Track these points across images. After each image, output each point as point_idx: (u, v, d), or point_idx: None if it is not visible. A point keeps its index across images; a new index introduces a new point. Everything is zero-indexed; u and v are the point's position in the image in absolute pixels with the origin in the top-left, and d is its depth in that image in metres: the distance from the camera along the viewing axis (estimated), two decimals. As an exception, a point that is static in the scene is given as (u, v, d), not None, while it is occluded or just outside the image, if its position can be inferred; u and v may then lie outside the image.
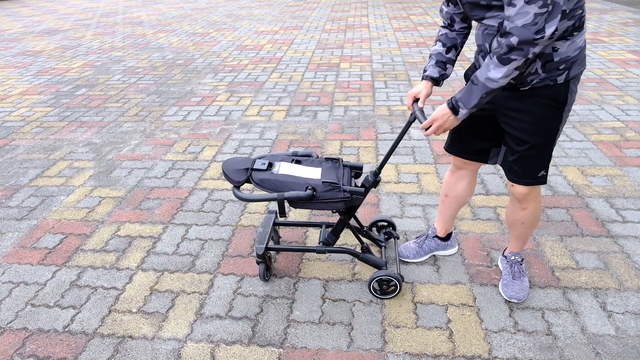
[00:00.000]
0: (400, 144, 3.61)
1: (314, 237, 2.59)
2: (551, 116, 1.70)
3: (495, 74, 1.51)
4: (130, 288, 2.25)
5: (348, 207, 2.01)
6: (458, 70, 5.54)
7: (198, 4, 12.84)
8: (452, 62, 1.90)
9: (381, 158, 3.46)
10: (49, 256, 2.50)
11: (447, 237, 2.36)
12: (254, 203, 2.92)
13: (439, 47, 1.88)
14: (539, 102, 1.68)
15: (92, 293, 2.23)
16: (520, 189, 1.86)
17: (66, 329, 2.02)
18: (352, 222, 2.63)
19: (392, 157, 3.41)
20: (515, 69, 1.49)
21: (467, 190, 2.16)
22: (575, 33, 1.56)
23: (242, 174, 1.96)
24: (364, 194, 1.96)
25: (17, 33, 9.25)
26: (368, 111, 4.39)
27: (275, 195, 1.87)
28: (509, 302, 2.08)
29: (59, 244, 2.59)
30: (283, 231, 2.64)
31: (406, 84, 5.18)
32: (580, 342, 1.87)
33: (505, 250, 2.26)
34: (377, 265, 2.17)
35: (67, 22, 10.32)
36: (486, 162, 2.01)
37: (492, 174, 3.15)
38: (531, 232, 2.07)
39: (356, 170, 2.11)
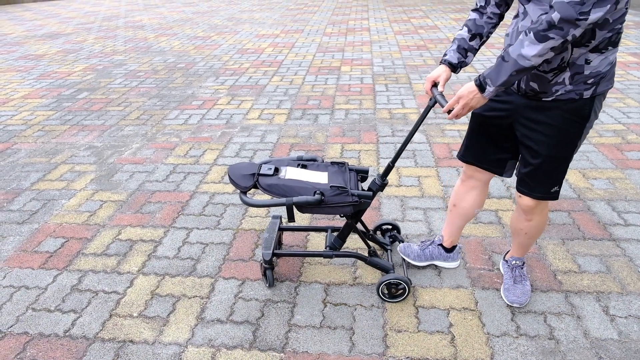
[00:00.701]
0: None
1: (315, 241, 2.59)
2: (572, 131, 1.64)
3: (529, 50, 1.42)
4: (131, 292, 2.25)
5: (355, 211, 2.01)
6: (461, 75, 5.53)
7: (199, 7, 12.88)
8: (475, 50, 1.82)
9: (382, 161, 3.45)
10: (50, 260, 2.50)
11: (451, 249, 2.30)
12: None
13: (464, 33, 1.81)
14: (561, 116, 1.62)
15: (93, 297, 2.22)
16: (527, 200, 1.82)
17: (67, 334, 2.02)
18: (358, 226, 2.63)
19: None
20: (551, 49, 1.40)
21: (477, 201, 2.09)
22: (610, 48, 1.51)
23: (248, 180, 1.96)
24: (372, 198, 1.96)
25: (19, 37, 9.28)
26: (369, 114, 4.39)
27: (284, 200, 1.87)
28: (511, 306, 2.07)
29: (60, 248, 2.59)
30: (284, 235, 2.63)
31: (407, 87, 5.18)
32: (582, 346, 1.86)
33: (506, 254, 2.25)
34: (385, 269, 2.17)
35: (69, 26, 10.35)
36: (501, 175, 1.95)
37: (494, 179, 3.14)
38: (534, 242, 2.04)
39: (362, 174, 2.10)
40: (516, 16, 1.66)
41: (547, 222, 1.94)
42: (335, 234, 2.26)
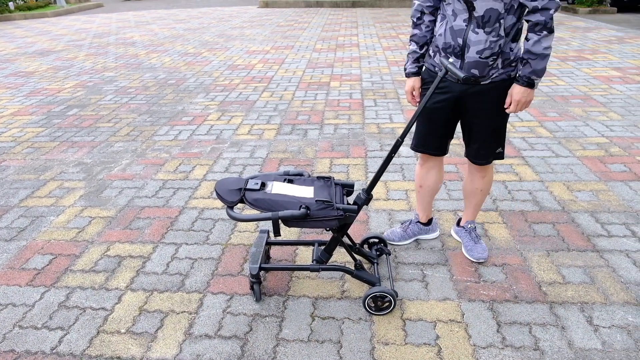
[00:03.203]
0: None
1: (303, 254, 2.61)
2: (504, 102, 2.05)
3: (547, 43, 1.83)
4: (119, 308, 2.24)
5: (341, 224, 2.04)
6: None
7: (190, 24, 12.99)
8: (425, 56, 2.19)
9: (371, 175, 3.49)
10: (38, 277, 2.49)
11: (429, 222, 2.63)
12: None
13: (414, 47, 2.17)
14: (496, 95, 2.03)
15: (80, 314, 2.22)
16: (483, 166, 2.27)
17: (54, 351, 2.01)
18: (345, 239, 2.64)
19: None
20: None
21: (438, 178, 2.46)
22: (518, 38, 1.96)
23: (235, 194, 1.98)
24: (357, 212, 1.99)
25: (9, 54, 9.29)
26: (358, 129, 4.44)
27: (269, 214, 1.89)
28: (493, 309, 2.10)
29: (47, 265, 2.59)
30: (272, 250, 2.65)
31: (395, 102, 5.25)
32: (567, 356, 1.89)
33: (458, 222, 2.62)
34: (371, 282, 2.19)
35: (60, 43, 10.38)
36: (444, 154, 2.36)
37: (479, 190, 3.19)
38: (484, 200, 2.48)
39: (347, 188, 2.14)
40: (442, 19, 2.01)
41: (492, 176, 2.39)
42: (322, 247, 2.28)
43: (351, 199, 3.12)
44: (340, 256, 2.56)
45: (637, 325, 2.02)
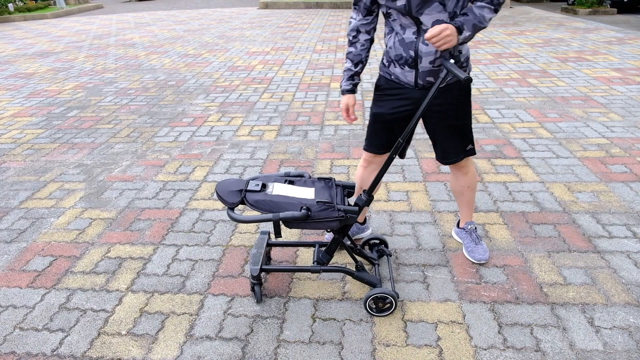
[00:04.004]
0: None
1: (304, 256, 2.60)
2: (464, 102, 2.15)
3: (489, 15, 1.87)
4: (120, 310, 2.24)
5: (342, 226, 2.04)
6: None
7: (190, 25, 13.00)
8: (360, 73, 2.23)
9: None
10: (38, 279, 2.49)
11: (364, 222, 2.72)
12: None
13: (349, 65, 2.19)
14: (454, 95, 2.10)
15: (81, 316, 2.21)
16: (458, 164, 2.31)
17: (55, 353, 2.01)
18: (346, 241, 2.65)
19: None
20: (490, 20, 1.91)
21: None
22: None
23: (236, 196, 1.98)
24: (358, 213, 1.99)
25: (9, 55, 9.29)
26: (358, 130, 4.44)
27: (270, 216, 1.89)
28: (494, 311, 2.09)
29: (48, 267, 2.58)
30: (273, 251, 2.65)
31: (396, 103, 5.24)
32: (568, 357, 1.89)
33: (458, 223, 2.64)
34: (372, 283, 2.19)
35: (59, 45, 10.39)
36: (388, 152, 2.36)
37: (480, 191, 3.19)
38: (474, 197, 2.49)
39: (348, 189, 2.14)
40: (391, 32, 2.04)
41: (475, 172, 2.45)
42: (323, 249, 2.28)
43: (352, 200, 3.12)
44: (341, 257, 2.56)
45: (638, 327, 2.02)
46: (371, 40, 2.16)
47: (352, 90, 2.23)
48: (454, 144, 2.23)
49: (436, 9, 1.87)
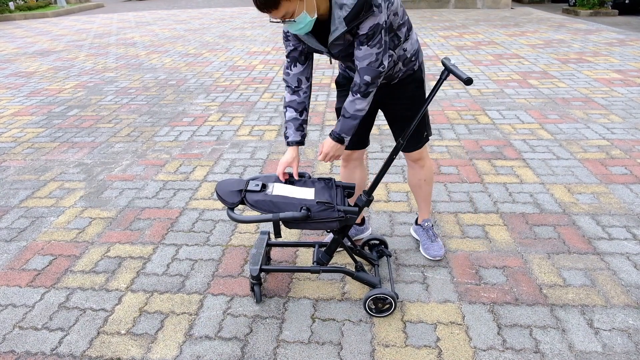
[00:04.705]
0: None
1: (304, 256, 2.60)
2: (419, 93, 2.20)
3: (361, 105, 1.93)
4: (119, 309, 2.24)
5: (342, 226, 2.04)
6: (450, 91, 5.61)
7: (191, 25, 13.00)
8: (306, 121, 2.13)
9: (371, 177, 3.49)
10: (38, 278, 2.49)
11: (362, 222, 2.71)
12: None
13: (292, 114, 2.09)
14: (408, 88, 2.18)
15: (80, 315, 2.21)
16: (415, 154, 2.34)
17: (54, 352, 2.01)
18: (345, 241, 2.65)
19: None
20: (373, 93, 1.94)
21: (363, 175, 2.52)
22: (408, 34, 2.04)
23: (236, 196, 1.98)
24: (358, 213, 1.99)
25: (10, 54, 9.30)
26: (358, 130, 4.43)
27: (270, 216, 1.89)
28: (493, 312, 2.09)
29: (48, 266, 2.58)
30: (273, 251, 2.65)
31: (396, 103, 5.24)
32: (567, 359, 1.88)
33: (417, 220, 2.65)
34: (372, 284, 2.18)
35: (60, 44, 10.39)
36: (367, 146, 2.46)
37: (480, 192, 3.19)
38: (431, 191, 2.53)
39: (348, 190, 2.14)
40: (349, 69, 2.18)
41: (432, 164, 2.48)
42: (322, 249, 2.28)
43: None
44: (340, 258, 2.56)
45: (637, 328, 2.02)
46: (311, 85, 2.13)
47: (301, 142, 2.10)
48: (414, 135, 2.22)
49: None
